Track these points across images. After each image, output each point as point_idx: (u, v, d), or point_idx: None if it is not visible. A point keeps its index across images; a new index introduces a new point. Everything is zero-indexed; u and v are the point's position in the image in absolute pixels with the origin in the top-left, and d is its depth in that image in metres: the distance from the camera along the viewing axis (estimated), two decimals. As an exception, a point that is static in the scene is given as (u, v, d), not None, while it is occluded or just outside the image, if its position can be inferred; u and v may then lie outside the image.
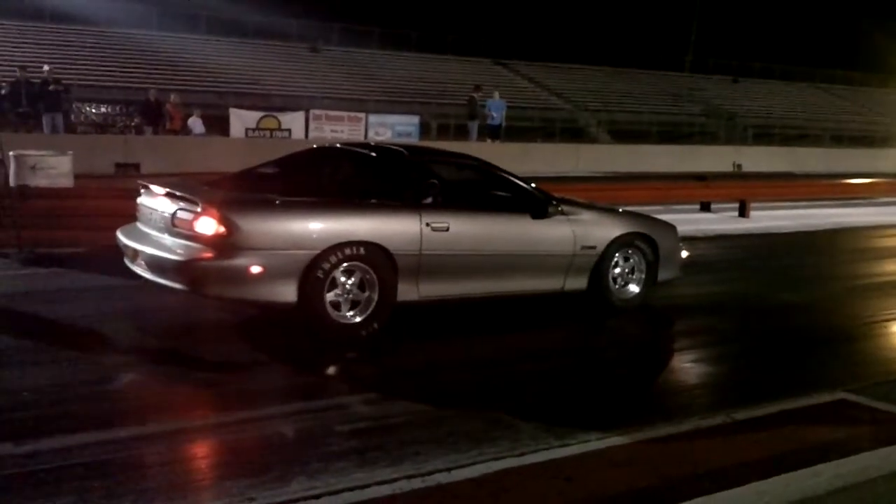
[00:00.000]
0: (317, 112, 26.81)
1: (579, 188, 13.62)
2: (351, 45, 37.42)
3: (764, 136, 36.35)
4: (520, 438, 4.45)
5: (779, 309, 8.45)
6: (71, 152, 11.37)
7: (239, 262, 5.85)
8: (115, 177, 15.25)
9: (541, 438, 4.47)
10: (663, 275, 7.90)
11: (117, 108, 25.34)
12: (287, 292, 5.99)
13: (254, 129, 25.39)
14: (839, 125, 39.69)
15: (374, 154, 7.45)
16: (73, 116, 23.50)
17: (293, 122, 26.14)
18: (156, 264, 6.12)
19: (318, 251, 5.99)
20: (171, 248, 6.07)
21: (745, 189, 16.81)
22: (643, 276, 7.75)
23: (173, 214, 6.12)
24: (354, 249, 6.12)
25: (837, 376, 5.97)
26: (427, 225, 6.45)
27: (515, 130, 27.71)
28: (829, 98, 44.87)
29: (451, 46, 39.33)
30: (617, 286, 7.64)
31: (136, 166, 16.26)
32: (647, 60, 42.94)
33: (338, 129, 26.69)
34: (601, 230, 7.50)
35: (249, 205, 6.20)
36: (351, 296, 6.20)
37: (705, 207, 16.33)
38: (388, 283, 6.31)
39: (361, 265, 6.19)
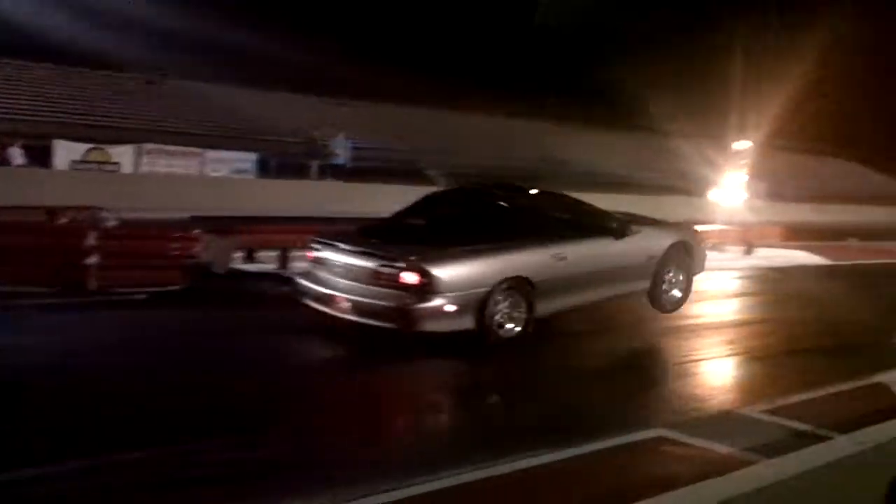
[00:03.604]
0: (150, 146, 25.99)
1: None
2: (187, 79, 36.52)
3: (591, 183, 37.79)
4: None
5: (598, 348, 8.82)
6: None
7: (436, 303, 7.61)
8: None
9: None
10: (696, 270, 10.35)
11: (-71, 136, 23.70)
12: (469, 321, 7.81)
13: (80, 162, 24.31)
14: (660, 174, 41.74)
15: (505, 203, 9.19)
16: None
17: (123, 155, 25.24)
18: (367, 309, 7.80)
19: (489, 288, 7.85)
20: (382, 296, 7.72)
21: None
22: (689, 277, 10.19)
23: (375, 270, 7.83)
24: (511, 282, 8.04)
25: (654, 413, 6.29)
26: (552, 256, 8.45)
27: (358, 171, 27.80)
28: (649, 148, 47.22)
29: (293, 83, 39.01)
30: (673, 291, 10.02)
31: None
32: (480, 104, 43.88)
33: (173, 163, 25.98)
34: (658, 241, 9.81)
35: (438, 258, 7.79)
36: (508, 315, 8.07)
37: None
38: (530, 303, 8.22)
39: (515, 292, 8.08)
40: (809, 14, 45.32)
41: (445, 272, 7.65)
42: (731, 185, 24.28)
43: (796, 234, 22.43)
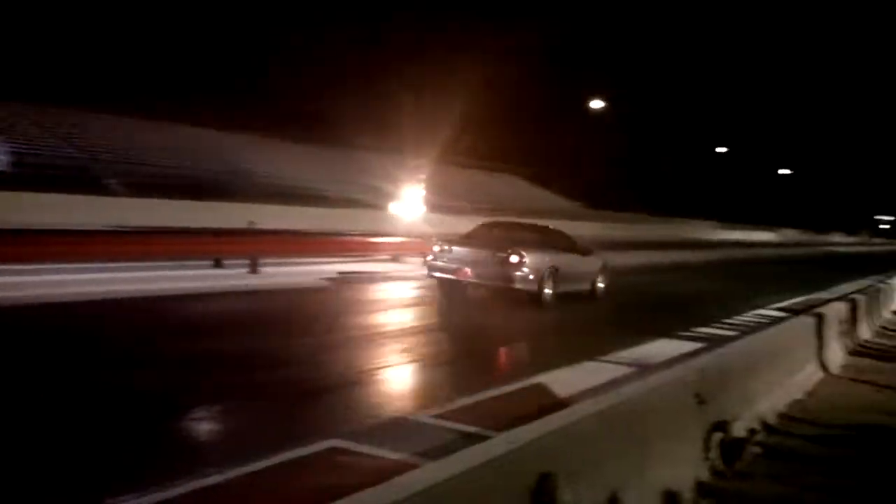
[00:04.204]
0: None
1: (97, 242, 12.99)
2: None
3: (279, 194, 37.56)
4: None
5: (279, 361, 8.71)
6: None
7: (524, 272, 14.22)
8: None
9: None
10: (607, 281, 17.33)
11: None
12: (535, 286, 14.38)
13: None
14: (345, 186, 42.48)
15: (545, 232, 16.53)
16: None
17: None
18: (485, 275, 14.44)
19: (544, 271, 14.52)
20: (496, 268, 14.31)
21: (256, 245, 17.21)
22: (606, 283, 17.23)
23: (493, 254, 14.40)
24: (551, 269, 14.77)
25: (330, 424, 6.31)
26: (565, 259, 15.35)
27: (20, 178, 25.41)
28: (335, 161, 47.90)
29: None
30: (600, 288, 17.05)
31: None
32: (171, 112, 42.12)
33: None
34: (598, 263, 17.02)
35: (526, 249, 14.41)
36: (548, 284, 14.62)
37: (218, 263, 16.42)
38: (556, 282, 14.78)
39: (552, 275, 14.69)
40: (481, 42, 48.41)
41: (529, 257, 14.35)
42: (410, 198, 25.29)
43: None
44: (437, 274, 14.92)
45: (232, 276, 15.52)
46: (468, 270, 14.30)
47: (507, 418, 6.17)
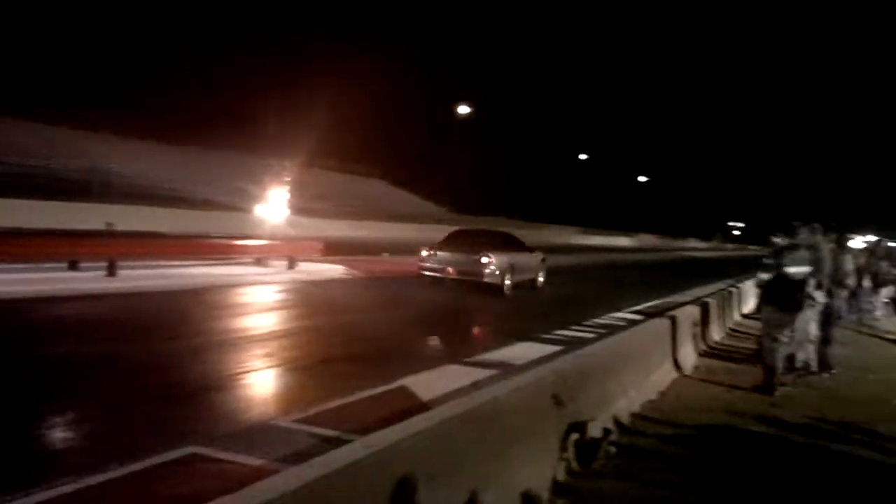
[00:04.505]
0: None
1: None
2: None
3: (139, 195, 36.31)
4: None
5: (138, 366, 8.47)
6: None
7: (493, 269, 18.74)
8: None
9: None
10: (544, 272, 22.60)
11: None
12: (499, 280, 18.89)
13: None
14: (213, 188, 41.41)
15: (501, 236, 21.33)
16: None
17: None
18: (464, 272, 18.65)
19: (503, 267, 19.05)
20: (472, 267, 18.62)
21: (114, 247, 16.53)
22: (545, 276, 22.53)
23: (469, 256, 18.70)
24: (509, 265, 19.35)
25: (190, 431, 6.16)
26: (519, 256, 20.30)
27: None
28: (199, 163, 46.67)
29: None
30: (540, 281, 22.15)
31: None
32: (23, 110, 40.09)
33: None
34: (539, 257, 22.04)
35: (492, 252, 18.94)
36: (507, 277, 19.21)
37: (73, 266, 15.71)
38: (512, 273, 19.46)
39: (510, 269, 19.32)
40: (351, 48, 48.36)
41: (495, 257, 18.61)
42: (275, 201, 24.94)
43: (336, 249, 23.71)
44: (428, 273, 18.91)
45: (88, 279, 14.85)
46: (450, 269, 18.61)
47: (369, 422, 6.18)
